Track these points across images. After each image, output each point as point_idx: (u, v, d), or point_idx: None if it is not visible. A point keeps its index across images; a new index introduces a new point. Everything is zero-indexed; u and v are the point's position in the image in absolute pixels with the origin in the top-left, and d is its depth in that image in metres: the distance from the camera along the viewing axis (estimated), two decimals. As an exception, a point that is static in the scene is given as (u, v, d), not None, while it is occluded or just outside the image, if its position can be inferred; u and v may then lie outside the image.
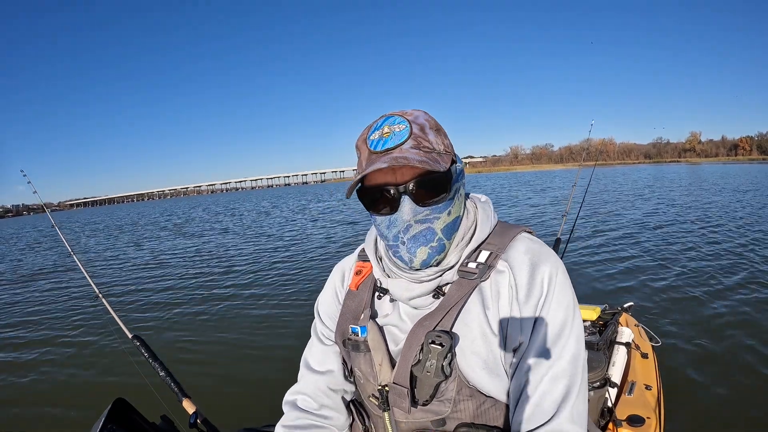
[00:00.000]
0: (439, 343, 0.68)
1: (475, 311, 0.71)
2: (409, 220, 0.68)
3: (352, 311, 0.82)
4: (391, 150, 0.66)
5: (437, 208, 0.69)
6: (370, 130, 0.70)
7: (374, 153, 0.68)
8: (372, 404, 0.78)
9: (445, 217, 0.70)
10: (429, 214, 0.69)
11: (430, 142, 0.68)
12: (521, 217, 11.90)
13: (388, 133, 0.68)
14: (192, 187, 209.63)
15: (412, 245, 0.70)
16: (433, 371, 0.68)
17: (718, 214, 9.75)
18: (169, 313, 5.00)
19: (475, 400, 0.71)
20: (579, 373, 0.69)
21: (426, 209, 0.68)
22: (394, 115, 0.70)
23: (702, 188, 18.25)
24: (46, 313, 5.57)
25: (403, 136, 0.67)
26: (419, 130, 0.68)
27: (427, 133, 0.69)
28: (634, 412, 1.59)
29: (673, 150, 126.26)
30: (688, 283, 4.69)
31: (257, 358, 3.51)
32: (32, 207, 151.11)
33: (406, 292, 0.74)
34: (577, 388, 0.68)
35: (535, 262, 0.71)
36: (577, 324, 0.71)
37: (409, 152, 0.65)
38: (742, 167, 45.21)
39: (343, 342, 0.81)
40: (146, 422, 0.94)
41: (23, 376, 3.64)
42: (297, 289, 5.55)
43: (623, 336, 1.98)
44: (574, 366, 0.69)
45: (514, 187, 27.52)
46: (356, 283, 0.83)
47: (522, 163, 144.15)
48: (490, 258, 0.73)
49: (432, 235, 0.69)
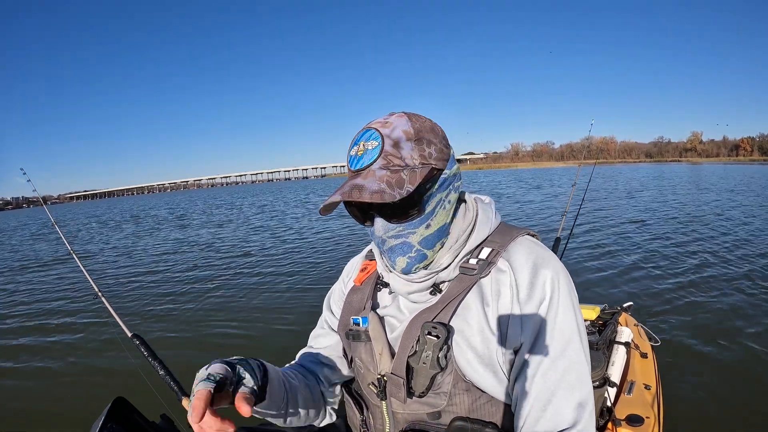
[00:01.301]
0: (435, 335, 0.69)
1: (475, 308, 0.72)
2: (382, 235, 0.71)
3: (355, 304, 0.85)
4: (361, 171, 0.67)
5: (411, 224, 0.69)
6: (352, 143, 0.71)
7: (351, 171, 0.69)
8: (371, 393, 0.80)
9: (422, 230, 0.70)
10: (402, 230, 0.70)
11: (402, 158, 0.67)
12: (508, 215, 11.88)
13: (362, 151, 0.68)
14: (192, 180, 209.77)
15: (391, 255, 0.72)
16: (429, 363, 0.69)
17: (718, 215, 9.76)
18: (169, 312, 4.99)
19: (471, 394, 0.71)
20: (586, 381, 0.69)
21: (399, 225, 0.69)
22: (371, 128, 0.69)
23: (702, 189, 18.25)
24: (46, 312, 5.56)
25: (373, 156, 0.67)
26: (392, 146, 0.67)
27: (401, 148, 0.67)
28: (634, 412, 1.59)
29: (675, 149, 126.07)
30: (687, 282, 4.70)
31: (257, 357, 3.50)
32: (32, 199, 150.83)
33: (404, 287, 0.75)
34: (586, 397, 0.68)
35: (538, 264, 0.71)
36: (582, 331, 0.71)
37: (373, 176, 0.65)
38: (742, 168, 45.15)
39: (345, 334, 0.84)
40: (146, 421, 0.94)
41: (22, 375, 3.64)
42: (297, 289, 5.55)
43: (622, 335, 1.98)
44: (580, 374, 0.69)
45: (505, 184, 27.47)
46: (360, 279, 0.87)
47: (523, 160, 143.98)
48: (491, 255, 0.73)
49: (408, 247, 0.71)
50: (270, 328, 4.06)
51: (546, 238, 2.37)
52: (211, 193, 70.18)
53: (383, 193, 0.63)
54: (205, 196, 56.41)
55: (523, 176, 41.60)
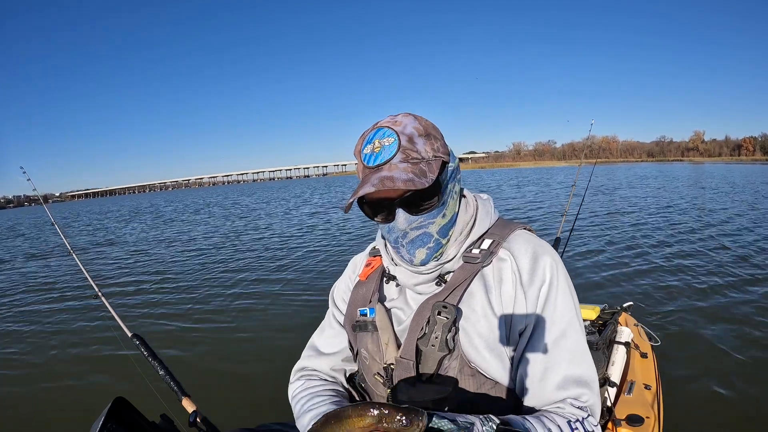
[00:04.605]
0: (445, 315, 0.73)
1: (479, 294, 0.75)
2: (405, 228, 0.74)
3: (361, 298, 0.88)
4: (382, 166, 0.71)
5: (430, 214, 0.74)
6: (363, 143, 0.75)
7: (367, 168, 0.73)
8: (376, 383, 0.82)
9: (439, 220, 0.75)
10: (423, 221, 0.74)
11: (418, 151, 0.72)
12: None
13: (378, 148, 0.72)
14: (194, 179, 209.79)
15: (411, 248, 0.75)
16: (438, 344, 0.72)
17: (718, 215, 9.73)
18: (169, 311, 4.98)
19: (476, 380, 0.74)
20: (588, 360, 0.74)
21: (419, 217, 0.74)
22: (384, 127, 0.73)
23: (703, 188, 18.21)
24: (46, 312, 5.56)
25: (392, 151, 0.71)
26: (407, 141, 0.72)
27: (416, 143, 0.72)
28: (634, 412, 1.59)
29: (677, 149, 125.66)
30: (688, 282, 4.69)
31: (258, 356, 3.50)
32: (33, 198, 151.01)
33: (411, 278, 0.79)
34: (590, 374, 0.73)
35: (537, 252, 0.76)
36: (579, 314, 0.77)
37: (397, 169, 0.69)
38: (744, 168, 45.01)
39: (351, 326, 0.86)
40: (146, 421, 0.95)
41: (22, 374, 3.64)
42: (298, 288, 5.54)
43: (622, 335, 1.98)
44: (583, 351, 0.74)
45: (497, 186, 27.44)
46: (366, 273, 0.90)
47: (525, 159, 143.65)
48: (492, 245, 0.78)
49: (428, 238, 0.75)
50: (275, 332, 4.04)
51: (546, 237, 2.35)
52: (212, 192, 70.19)
53: (414, 181, 0.68)
54: (207, 194, 56.42)
55: (521, 175, 41.54)
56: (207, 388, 2.78)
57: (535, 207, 13.32)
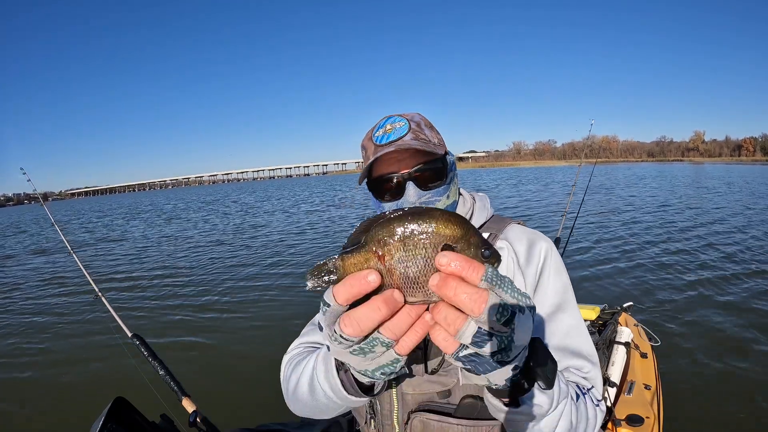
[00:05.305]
0: None
1: None
2: (414, 202, 0.78)
3: None
4: (395, 141, 0.76)
5: (438, 191, 0.79)
6: (375, 129, 0.81)
7: (380, 146, 0.77)
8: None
9: (444, 200, 0.80)
10: (431, 197, 0.78)
11: (426, 135, 0.79)
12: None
13: (390, 129, 0.78)
14: (193, 177, 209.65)
15: None
16: None
17: (717, 216, 9.73)
18: (169, 311, 4.99)
19: None
20: (586, 335, 0.78)
21: (428, 192, 0.78)
22: (394, 116, 0.81)
23: (703, 189, 18.20)
24: (46, 312, 5.57)
25: (404, 131, 0.77)
26: (416, 126, 0.79)
27: (423, 129, 0.80)
28: (633, 412, 1.59)
29: (677, 149, 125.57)
30: (687, 283, 4.69)
31: (258, 357, 3.50)
32: (33, 196, 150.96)
33: None
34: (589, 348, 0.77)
35: (532, 238, 0.82)
36: (572, 294, 0.81)
37: (410, 141, 0.76)
38: (745, 168, 44.99)
39: None
40: (146, 421, 0.95)
41: (22, 374, 3.65)
42: (298, 288, 5.54)
43: (622, 335, 1.98)
44: (580, 327, 0.78)
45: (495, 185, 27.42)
46: None
47: (525, 158, 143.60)
48: (490, 237, 0.82)
49: None
50: (274, 332, 4.04)
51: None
52: (212, 190, 70.15)
53: (428, 145, 0.76)
54: (205, 193, 56.39)
55: (520, 174, 41.51)
56: (207, 388, 2.78)
57: (535, 207, 13.32)
